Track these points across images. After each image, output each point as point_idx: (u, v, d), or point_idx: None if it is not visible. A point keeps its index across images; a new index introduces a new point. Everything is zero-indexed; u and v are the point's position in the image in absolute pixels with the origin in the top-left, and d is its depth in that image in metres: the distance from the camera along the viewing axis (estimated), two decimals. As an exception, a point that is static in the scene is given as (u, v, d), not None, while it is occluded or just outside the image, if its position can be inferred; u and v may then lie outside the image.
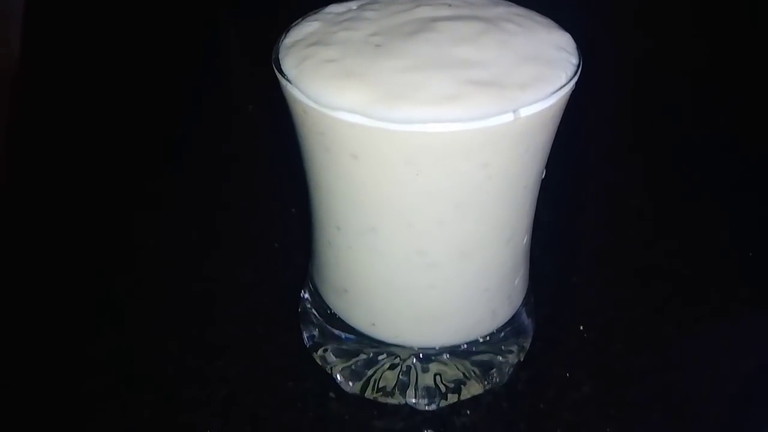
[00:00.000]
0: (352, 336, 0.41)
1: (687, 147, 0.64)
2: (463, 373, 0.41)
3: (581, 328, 0.46)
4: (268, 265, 0.51)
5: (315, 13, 0.37)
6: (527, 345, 0.44)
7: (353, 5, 0.38)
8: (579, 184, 0.58)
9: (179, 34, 0.82)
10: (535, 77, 0.32)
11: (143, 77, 0.74)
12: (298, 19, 0.37)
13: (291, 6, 0.41)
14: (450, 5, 0.36)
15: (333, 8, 0.38)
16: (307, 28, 0.36)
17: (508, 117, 0.30)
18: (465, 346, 0.41)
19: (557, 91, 0.32)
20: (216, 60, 0.80)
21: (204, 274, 0.50)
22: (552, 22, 0.36)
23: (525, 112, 0.31)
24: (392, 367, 0.41)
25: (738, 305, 0.48)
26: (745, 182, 0.60)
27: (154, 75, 0.75)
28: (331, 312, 0.42)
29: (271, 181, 0.59)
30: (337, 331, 0.42)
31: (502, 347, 0.42)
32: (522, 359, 0.43)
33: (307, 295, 0.44)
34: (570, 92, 0.33)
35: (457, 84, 0.31)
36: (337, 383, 0.42)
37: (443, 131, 0.30)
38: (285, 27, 0.37)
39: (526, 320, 0.44)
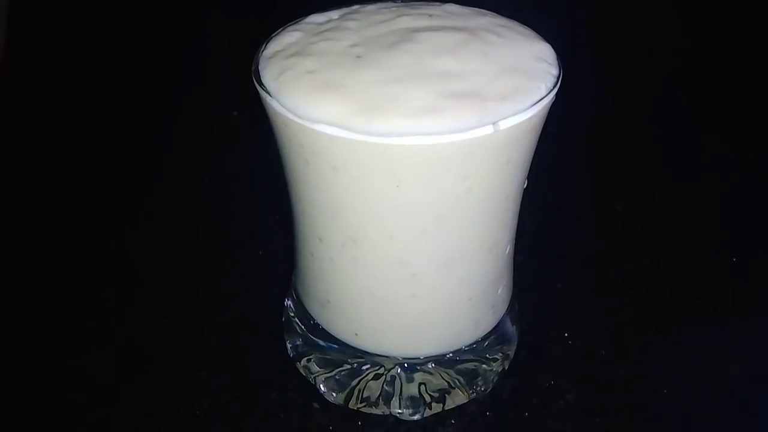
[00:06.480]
0: (335, 346, 0.41)
1: (670, 152, 0.64)
2: (448, 383, 0.41)
3: (566, 334, 0.46)
4: (251, 273, 0.51)
5: (296, 23, 0.37)
6: (512, 353, 0.44)
7: (334, 15, 0.37)
8: (563, 190, 0.58)
9: (164, 38, 0.82)
10: (514, 89, 0.31)
11: (126, 84, 0.74)
12: (283, 24, 0.37)
13: (279, 10, 0.40)
14: (431, 15, 0.36)
15: (314, 18, 0.37)
16: (287, 39, 0.36)
17: (488, 129, 0.30)
18: (450, 355, 0.41)
19: (537, 102, 0.31)
20: (201, 65, 0.79)
21: (186, 283, 0.50)
22: (533, 32, 0.36)
23: (504, 124, 0.31)
24: (376, 377, 0.41)
25: (723, 310, 0.49)
26: (730, 187, 0.60)
27: (137, 80, 0.74)
28: (314, 322, 0.41)
29: (256, 187, 0.58)
30: (320, 341, 0.41)
31: (487, 355, 0.42)
32: (506, 367, 0.43)
33: (290, 304, 0.44)
34: (550, 103, 0.33)
35: (437, 96, 0.31)
36: (320, 394, 0.42)
37: (423, 144, 0.30)
38: (275, 29, 0.37)
39: (510, 328, 0.43)
